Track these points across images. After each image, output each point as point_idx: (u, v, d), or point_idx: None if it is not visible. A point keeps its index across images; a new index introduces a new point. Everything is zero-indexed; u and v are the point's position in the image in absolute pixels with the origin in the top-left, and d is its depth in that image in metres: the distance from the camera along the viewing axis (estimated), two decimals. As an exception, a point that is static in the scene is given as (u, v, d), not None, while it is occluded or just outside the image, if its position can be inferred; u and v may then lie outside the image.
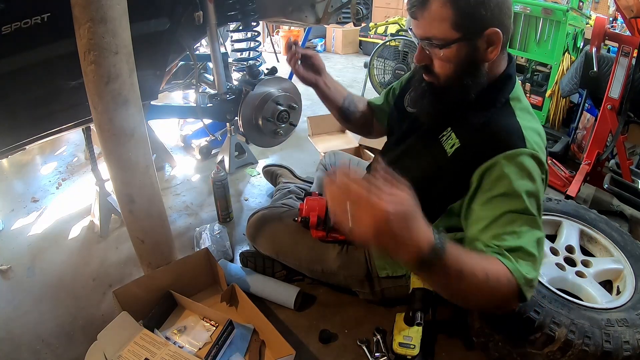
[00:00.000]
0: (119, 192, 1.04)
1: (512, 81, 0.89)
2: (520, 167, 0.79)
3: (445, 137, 0.90)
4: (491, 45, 0.82)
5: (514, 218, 0.79)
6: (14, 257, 1.47)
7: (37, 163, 2.13)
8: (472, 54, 0.83)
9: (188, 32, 1.44)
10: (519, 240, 0.78)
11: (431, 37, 0.82)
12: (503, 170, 0.79)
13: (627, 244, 1.26)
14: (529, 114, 0.89)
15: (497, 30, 0.80)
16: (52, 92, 1.12)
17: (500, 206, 0.80)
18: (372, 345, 1.10)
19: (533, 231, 0.79)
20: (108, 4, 0.83)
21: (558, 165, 1.99)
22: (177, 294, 1.16)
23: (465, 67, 0.84)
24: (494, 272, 0.73)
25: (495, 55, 0.83)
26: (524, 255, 0.77)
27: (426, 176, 0.91)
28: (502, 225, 0.79)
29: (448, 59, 0.84)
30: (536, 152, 0.81)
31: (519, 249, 0.77)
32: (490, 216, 0.81)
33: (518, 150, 0.79)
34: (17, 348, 1.12)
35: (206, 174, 2.01)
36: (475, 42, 0.81)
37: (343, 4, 1.60)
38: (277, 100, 1.70)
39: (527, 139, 0.81)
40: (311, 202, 1.14)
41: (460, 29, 0.80)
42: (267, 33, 4.01)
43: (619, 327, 0.95)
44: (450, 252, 0.66)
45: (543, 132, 0.89)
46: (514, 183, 0.79)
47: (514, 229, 0.79)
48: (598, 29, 1.79)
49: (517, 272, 0.75)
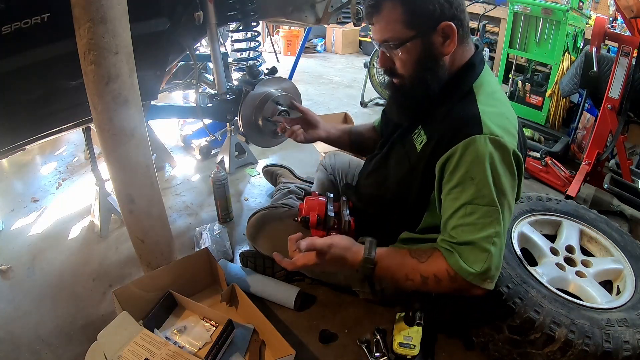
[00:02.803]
0: (119, 192, 1.04)
1: (475, 70, 0.89)
2: (477, 153, 0.79)
3: (417, 134, 0.93)
4: (447, 38, 0.84)
5: (472, 209, 0.81)
6: (14, 257, 1.47)
7: (37, 163, 2.12)
8: (429, 50, 0.85)
9: (188, 32, 1.44)
10: (473, 234, 0.80)
11: (388, 39, 0.86)
12: (459, 160, 0.81)
13: (627, 244, 1.26)
14: (495, 100, 0.87)
15: (450, 23, 0.82)
16: (52, 92, 1.11)
17: (458, 197, 0.82)
18: (372, 345, 1.10)
19: (490, 224, 0.80)
20: (108, 4, 0.83)
21: (558, 165, 1.99)
22: (177, 294, 1.16)
23: (425, 63, 0.86)
24: (432, 272, 0.84)
25: (452, 48, 0.85)
26: (476, 250, 0.80)
27: (404, 174, 0.94)
28: (461, 217, 0.82)
29: (407, 58, 0.87)
30: (496, 135, 0.79)
31: (472, 243, 0.81)
32: (451, 208, 0.83)
33: (473, 137, 0.79)
34: (17, 348, 1.12)
35: (206, 174, 2.01)
36: (430, 37, 0.84)
37: (343, 4, 1.60)
38: (277, 100, 1.70)
39: (485, 123, 0.80)
40: (311, 201, 1.14)
41: (413, 27, 0.83)
42: (267, 33, 4.02)
43: (619, 327, 0.95)
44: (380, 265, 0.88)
45: (512, 115, 0.88)
46: (470, 172, 0.80)
47: (471, 221, 0.81)
48: (598, 29, 1.79)
49: (460, 269, 0.81)
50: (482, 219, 0.80)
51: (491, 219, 0.80)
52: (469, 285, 0.83)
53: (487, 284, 0.82)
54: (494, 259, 0.80)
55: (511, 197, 0.83)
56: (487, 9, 3.01)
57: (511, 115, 0.88)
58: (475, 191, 0.80)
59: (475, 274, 0.81)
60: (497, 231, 0.80)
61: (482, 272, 0.80)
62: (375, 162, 1.10)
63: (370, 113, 2.92)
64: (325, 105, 3.05)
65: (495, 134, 0.79)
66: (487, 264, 0.80)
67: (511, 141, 0.82)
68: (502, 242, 0.82)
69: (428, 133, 0.89)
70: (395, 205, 1.00)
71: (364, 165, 1.21)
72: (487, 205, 0.80)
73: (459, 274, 0.82)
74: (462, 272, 0.81)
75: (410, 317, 1.04)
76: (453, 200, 0.83)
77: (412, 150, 0.92)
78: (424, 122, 0.92)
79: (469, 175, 0.80)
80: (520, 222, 1.31)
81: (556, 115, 2.59)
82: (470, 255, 0.81)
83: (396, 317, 1.09)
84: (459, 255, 0.82)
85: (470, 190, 0.80)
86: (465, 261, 0.81)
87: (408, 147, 0.94)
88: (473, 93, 0.87)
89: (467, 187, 0.80)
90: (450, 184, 0.83)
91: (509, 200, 0.83)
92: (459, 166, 0.81)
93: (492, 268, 0.81)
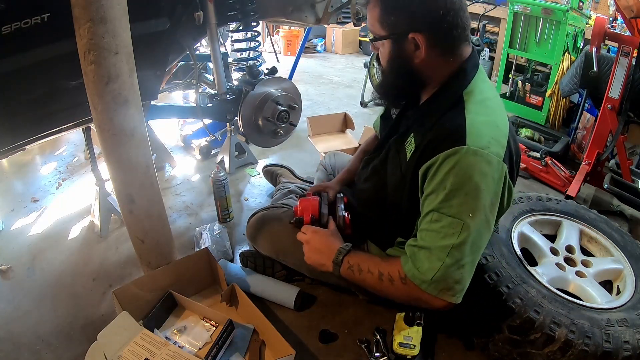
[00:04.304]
0: (119, 192, 1.04)
1: (466, 77, 0.89)
2: (455, 164, 0.79)
3: (408, 142, 0.94)
4: (417, 48, 0.86)
5: (437, 217, 0.82)
6: (14, 257, 1.47)
7: (37, 163, 2.12)
8: (399, 53, 0.88)
9: (188, 32, 1.45)
10: (433, 241, 0.83)
11: (371, 31, 0.92)
12: (438, 168, 0.82)
13: (627, 244, 1.26)
14: (485, 107, 0.86)
15: (418, 36, 0.84)
16: (52, 92, 1.11)
17: (430, 203, 0.84)
18: (372, 345, 1.10)
19: (452, 236, 0.80)
20: (108, 4, 0.83)
21: (558, 165, 1.99)
22: (177, 294, 1.16)
23: (395, 64, 0.90)
24: (387, 271, 0.90)
25: (422, 58, 0.87)
26: (432, 257, 0.82)
27: (397, 181, 0.96)
28: (428, 222, 0.84)
29: (382, 54, 0.93)
30: (480, 147, 0.79)
31: (429, 249, 0.83)
32: (424, 212, 0.86)
33: (456, 148, 0.79)
34: (17, 348, 1.12)
35: (206, 174, 2.01)
36: (402, 42, 0.86)
37: (343, 4, 1.60)
38: (277, 100, 1.70)
39: (470, 134, 0.79)
40: (305, 202, 1.14)
41: (386, 28, 0.87)
42: (267, 33, 4.02)
43: (619, 327, 0.95)
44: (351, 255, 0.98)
45: (503, 122, 0.87)
46: (444, 181, 0.80)
47: (435, 228, 0.83)
48: (598, 29, 1.79)
49: (411, 274, 0.85)
50: (445, 228, 0.81)
51: (453, 231, 0.80)
52: (421, 293, 0.84)
53: (447, 296, 0.83)
54: (450, 270, 0.81)
55: (489, 210, 0.82)
56: (487, 9, 3.01)
57: (502, 123, 0.86)
58: (444, 200, 0.81)
59: (427, 281, 0.82)
60: (456, 244, 0.80)
61: (434, 281, 0.82)
62: (373, 167, 1.10)
63: (370, 113, 2.91)
64: (325, 105, 3.05)
65: (479, 145, 0.79)
66: (439, 273, 0.81)
67: (497, 152, 0.81)
68: (463, 255, 0.81)
69: (417, 141, 0.90)
70: (392, 210, 1.01)
71: (361, 169, 1.20)
72: (451, 217, 0.80)
73: (408, 277, 0.85)
74: (413, 278, 0.84)
75: (410, 317, 1.04)
76: (426, 206, 0.85)
77: (403, 158, 0.94)
78: (415, 130, 0.93)
79: (442, 185, 0.81)
80: (520, 222, 1.31)
81: (556, 115, 2.59)
82: (425, 262, 0.83)
83: (396, 317, 1.09)
84: (413, 261, 0.85)
85: (440, 198, 0.81)
86: (418, 268, 0.84)
87: (402, 155, 0.95)
88: (462, 101, 0.86)
89: (439, 194, 0.81)
90: (427, 190, 0.85)
91: (487, 213, 0.82)
92: (436, 174, 0.82)
93: (447, 280, 0.81)
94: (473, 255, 0.83)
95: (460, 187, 0.79)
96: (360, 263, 0.96)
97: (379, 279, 0.91)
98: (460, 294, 0.84)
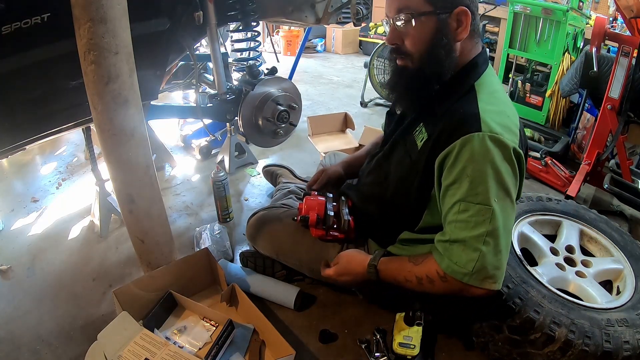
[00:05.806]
0: (119, 192, 1.04)
1: (478, 69, 0.90)
2: (474, 151, 0.78)
3: (418, 132, 0.93)
4: (460, 25, 0.84)
5: (465, 207, 0.81)
6: (14, 257, 1.47)
7: (37, 163, 2.12)
8: (443, 30, 0.85)
9: (188, 32, 1.44)
10: (465, 232, 0.81)
11: (403, 9, 0.84)
12: (457, 157, 0.80)
13: (627, 244, 1.26)
14: (496, 98, 0.87)
15: (466, 9, 0.83)
16: (52, 92, 1.11)
17: (454, 194, 0.82)
18: (372, 345, 1.10)
19: (483, 223, 0.79)
20: (108, 4, 0.83)
21: (558, 165, 1.99)
22: (177, 294, 1.16)
23: (437, 43, 0.85)
24: (424, 274, 0.88)
25: (464, 35, 0.85)
26: (468, 250, 0.81)
27: (406, 171, 0.95)
28: (455, 213, 0.82)
29: (419, 34, 0.86)
30: (495, 133, 0.79)
31: (463, 242, 0.81)
32: (448, 204, 0.84)
33: (472, 134, 0.79)
34: (17, 348, 1.12)
35: (206, 174, 2.01)
36: (446, 18, 0.84)
37: (343, 4, 1.60)
38: (277, 100, 1.70)
39: (485, 120, 0.79)
40: (310, 201, 1.14)
41: (432, 3, 0.83)
42: (267, 33, 4.02)
43: (619, 327, 0.95)
44: (382, 270, 0.96)
45: (513, 113, 0.88)
46: (466, 169, 0.79)
47: (464, 218, 0.81)
48: (598, 29, 1.79)
49: (451, 270, 0.82)
50: (475, 217, 0.80)
51: (484, 218, 0.79)
52: (463, 286, 0.83)
53: (489, 284, 0.82)
54: (488, 258, 0.80)
55: (513, 193, 0.83)
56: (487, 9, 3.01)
57: (512, 114, 0.87)
58: (469, 189, 0.80)
59: (469, 274, 0.81)
60: (489, 230, 0.79)
61: (475, 272, 0.80)
62: (377, 160, 1.10)
63: (370, 113, 2.92)
64: (325, 105, 3.05)
65: (495, 131, 0.79)
66: (479, 263, 0.80)
67: (512, 138, 0.81)
68: (498, 240, 0.80)
69: (429, 130, 0.89)
70: (395, 203, 1.01)
71: (365, 164, 1.21)
72: (479, 204, 0.79)
73: (448, 274, 0.83)
74: (453, 273, 0.82)
75: (410, 317, 1.04)
76: (450, 197, 0.83)
77: (413, 147, 0.93)
78: (425, 120, 0.93)
79: (465, 173, 0.80)
80: (520, 222, 1.31)
81: (556, 115, 2.59)
82: (461, 256, 0.81)
83: (396, 317, 1.09)
84: (449, 257, 0.83)
85: (464, 187, 0.80)
86: (456, 262, 0.82)
87: (409, 145, 0.95)
88: (474, 91, 0.87)
89: (462, 184, 0.80)
90: (448, 180, 0.83)
91: (512, 196, 0.82)
92: (456, 163, 0.81)
93: (487, 268, 0.80)
94: (507, 239, 0.83)
95: (482, 174, 0.78)
96: (395, 276, 0.94)
97: (419, 284, 0.89)
98: (501, 279, 0.83)
